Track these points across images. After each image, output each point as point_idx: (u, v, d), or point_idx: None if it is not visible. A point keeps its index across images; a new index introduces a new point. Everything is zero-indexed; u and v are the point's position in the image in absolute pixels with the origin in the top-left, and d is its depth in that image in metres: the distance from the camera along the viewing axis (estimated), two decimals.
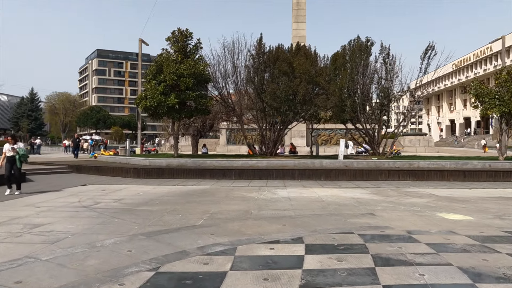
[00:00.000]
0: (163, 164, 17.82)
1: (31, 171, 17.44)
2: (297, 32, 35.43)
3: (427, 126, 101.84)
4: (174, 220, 7.30)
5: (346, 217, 7.69)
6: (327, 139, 47.22)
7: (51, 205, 8.99)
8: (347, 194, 11.29)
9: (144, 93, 18.49)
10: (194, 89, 18.87)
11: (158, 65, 18.66)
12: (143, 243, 5.53)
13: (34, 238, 5.83)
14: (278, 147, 21.65)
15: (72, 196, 10.50)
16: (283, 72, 17.78)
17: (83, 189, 12.22)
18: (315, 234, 6.13)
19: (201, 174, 16.26)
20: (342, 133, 47.87)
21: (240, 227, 6.66)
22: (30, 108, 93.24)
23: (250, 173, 16.20)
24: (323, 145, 46.74)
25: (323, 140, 47.23)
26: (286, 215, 7.93)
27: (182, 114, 19.06)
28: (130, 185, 13.53)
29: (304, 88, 17.36)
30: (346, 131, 48.20)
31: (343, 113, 21.16)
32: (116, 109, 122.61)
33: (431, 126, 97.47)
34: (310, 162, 17.63)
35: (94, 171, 18.04)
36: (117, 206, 8.94)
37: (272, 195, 11.12)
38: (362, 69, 20.40)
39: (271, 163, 17.70)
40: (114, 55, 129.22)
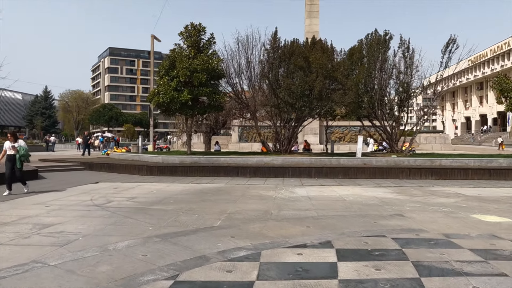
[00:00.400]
0: (176, 162, 17.46)
1: (43, 168, 17.25)
2: (310, 28, 34.78)
3: (442, 124, 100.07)
4: (190, 220, 6.87)
5: (373, 218, 7.16)
6: (341, 136, 46.45)
7: (62, 203, 8.65)
8: (369, 193, 10.74)
9: (157, 89, 18.14)
10: (207, 85, 18.45)
11: (171, 61, 18.29)
12: (159, 246, 5.11)
13: (43, 239, 5.45)
14: (292, 144, 21.13)
15: (84, 194, 10.17)
16: (299, 67, 17.24)
17: (96, 187, 11.90)
18: (344, 237, 5.63)
19: (215, 171, 15.85)
20: (356, 130, 47.11)
21: (262, 228, 6.19)
22: (44, 106, 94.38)
23: (265, 171, 15.74)
24: (337, 143, 45.94)
25: (336, 137, 46.45)
26: (309, 215, 7.44)
27: (195, 111, 18.67)
28: (143, 183, 13.19)
29: (320, 83, 16.81)
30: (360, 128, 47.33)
31: (360, 109, 20.53)
32: (128, 107, 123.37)
33: (445, 123, 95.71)
34: (327, 160, 17.07)
35: (107, 169, 17.78)
36: (130, 205, 8.56)
37: (291, 194, 10.64)
38: (380, 64, 19.71)
39: (287, 161, 17.21)
40: (126, 53, 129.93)
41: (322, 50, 17.88)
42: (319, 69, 16.78)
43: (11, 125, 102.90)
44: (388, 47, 19.74)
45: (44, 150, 37.40)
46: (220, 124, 25.93)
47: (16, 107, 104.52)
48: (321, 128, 43.76)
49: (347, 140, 46.37)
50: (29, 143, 43.75)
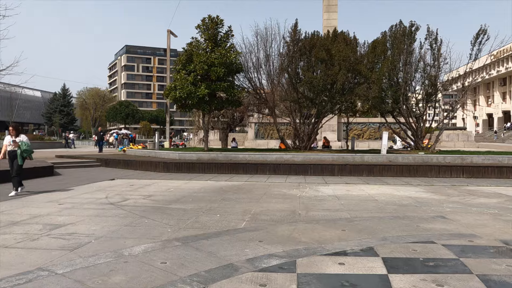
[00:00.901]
0: (194, 158, 16.97)
1: (59, 164, 16.99)
2: (328, 22, 33.92)
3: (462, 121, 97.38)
4: (212, 221, 6.30)
5: (413, 220, 6.46)
6: (359, 133, 45.42)
7: (76, 201, 8.20)
8: (400, 193, 10.00)
9: (173, 83, 17.65)
10: (225, 79, 17.90)
11: (188, 54, 17.77)
12: (179, 251, 4.53)
13: (52, 242, 4.95)
14: (313, 141, 20.41)
15: (99, 192, 9.72)
16: (321, 60, 16.51)
17: (111, 184, 11.47)
18: (388, 243, 4.96)
19: (234, 168, 15.29)
20: (375, 127, 46.04)
21: (292, 232, 5.57)
22: (62, 104, 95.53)
23: (286, 168, 15.09)
24: (355, 140, 45.09)
25: (355, 134, 45.42)
26: (341, 217, 6.78)
27: (212, 106, 18.13)
28: (160, 180, 12.71)
29: (343, 76, 16.04)
30: (379, 125, 46.11)
31: (383, 104, 19.65)
32: (144, 104, 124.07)
33: (466, 120, 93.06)
34: (350, 157, 16.32)
35: (123, 165, 17.41)
36: (146, 203, 8.05)
37: (316, 192, 9.97)
38: (406, 56, 18.80)
39: (308, 158, 16.52)
40: (142, 51, 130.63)
41: (345, 42, 17.09)
42: (342, 62, 16.01)
43: (31, 122, 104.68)
44: (414, 38, 18.80)
45: (63, 147, 37.63)
46: (237, 121, 25.33)
47: (35, 105, 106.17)
48: (339, 124, 42.80)
49: (366, 137, 45.36)
50: (47, 140, 44.15)
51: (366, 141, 42.83)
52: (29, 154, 9.30)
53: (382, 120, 48.05)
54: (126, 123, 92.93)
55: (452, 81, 18.68)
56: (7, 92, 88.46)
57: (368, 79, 16.48)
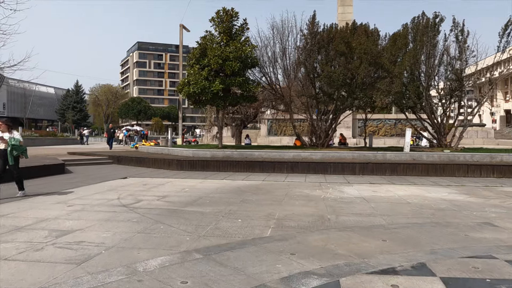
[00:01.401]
0: (208, 156, 16.42)
1: (71, 162, 16.60)
2: (343, 16, 33.00)
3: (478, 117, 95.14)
4: (234, 227, 5.69)
5: (459, 228, 5.76)
6: (375, 130, 44.42)
7: (86, 202, 7.68)
8: (432, 194, 9.26)
9: (187, 78, 17.09)
10: (240, 74, 17.27)
11: (202, 48, 17.18)
12: (202, 267, 3.93)
13: (57, 253, 4.40)
14: (330, 137, 19.68)
15: (111, 192, 9.21)
16: (340, 53, 15.75)
17: (123, 183, 10.96)
18: (440, 258, 4.28)
19: (250, 167, 14.69)
20: (391, 124, 44.97)
21: (325, 242, 4.93)
22: (75, 100, 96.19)
23: (304, 167, 14.43)
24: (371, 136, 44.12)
25: (370, 131, 44.51)
26: (376, 223, 6.11)
27: (227, 102, 17.52)
28: (174, 179, 12.17)
29: (365, 70, 15.26)
30: (396, 121, 44.95)
31: (404, 100, 18.79)
32: (156, 100, 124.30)
33: (482, 116, 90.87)
34: (371, 155, 15.57)
35: (135, 163, 16.95)
36: (161, 205, 7.48)
37: (340, 193, 9.30)
38: (429, 49, 17.89)
39: (327, 156, 15.82)
40: (154, 47, 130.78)
41: (365, 34, 16.28)
42: (363, 55, 15.23)
43: (44, 118, 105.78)
44: (438, 30, 17.87)
45: (78, 143, 37.60)
46: (251, 117, 24.69)
47: (49, 101, 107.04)
48: (354, 121, 41.88)
49: (382, 134, 44.40)
50: (60, 136, 44.18)
51: (382, 138, 41.87)
52: (22, 152, 8.19)
53: (399, 117, 46.92)
54: (138, 119, 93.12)
55: (479, 74, 17.70)
56: (20, 89, 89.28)
57: (390, 73, 15.65)
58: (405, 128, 48.73)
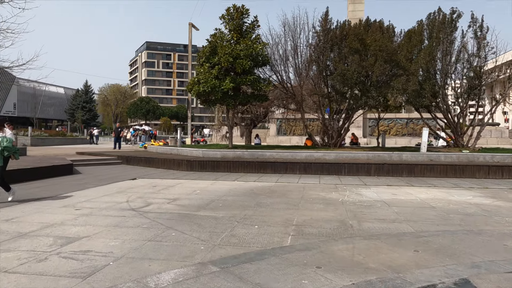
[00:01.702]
0: (218, 156, 16.06)
1: (79, 162, 16.38)
2: (353, 14, 32.42)
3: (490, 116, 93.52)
4: (250, 235, 5.31)
5: (494, 236, 5.30)
6: (386, 129, 43.78)
7: (94, 206, 7.35)
8: (455, 197, 8.78)
9: (197, 77, 16.75)
10: (250, 72, 16.89)
11: (212, 46, 16.82)
12: (219, 282, 3.55)
13: (62, 264, 4.05)
14: (343, 137, 19.20)
15: (120, 194, 8.88)
16: (354, 50, 15.26)
17: (132, 184, 10.64)
18: (483, 272, 3.85)
19: (261, 167, 14.30)
20: (403, 123, 44.26)
21: (352, 252, 4.51)
22: (85, 100, 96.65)
23: (318, 167, 14.00)
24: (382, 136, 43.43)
25: (381, 130, 43.87)
26: (403, 230, 5.68)
27: (237, 101, 17.15)
28: (184, 180, 11.83)
29: (380, 67, 14.77)
30: (407, 121, 44.20)
31: (419, 98, 18.21)
32: (165, 100, 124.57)
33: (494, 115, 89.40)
34: (386, 156, 15.08)
35: (144, 163, 16.66)
36: (172, 209, 7.12)
37: (358, 196, 8.86)
38: (446, 46, 17.31)
39: (340, 156, 15.37)
40: (162, 47, 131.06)
41: (380, 31, 15.77)
42: (378, 52, 14.73)
43: (54, 118, 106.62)
44: (456, 27, 17.28)
45: (88, 143, 37.63)
46: (261, 116, 24.29)
47: (58, 101, 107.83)
48: (364, 120, 41.31)
49: (393, 133, 43.75)
50: (69, 135, 44.24)
51: (393, 138, 41.26)
52: (13, 153, 7.55)
53: (410, 116, 46.13)
54: (147, 119, 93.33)
55: (499, 71, 17.06)
56: (30, 89, 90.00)
57: (406, 71, 15.13)
58: (417, 128, 47.94)
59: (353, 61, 15.14)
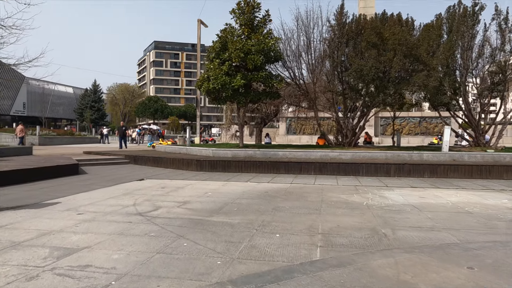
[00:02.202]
0: (229, 156, 15.44)
1: (86, 161, 15.88)
2: (364, 10, 31.58)
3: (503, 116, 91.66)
4: (273, 246, 4.65)
5: None
6: (398, 128, 42.84)
7: (98, 209, 6.76)
8: (490, 201, 8.03)
9: (206, 73, 16.13)
10: (262, 68, 16.25)
11: (222, 42, 16.20)
12: None
13: (55, 283, 3.43)
14: (358, 136, 18.46)
15: (126, 196, 8.30)
16: (372, 44, 14.52)
17: (140, 185, 10.06)
18: None
19: (274, 167, 13.64)
20: (415, 122, 43.30)
21: (395, 269, 3.83)
22: (93, 99, 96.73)
23: (334, 168, 13.30)
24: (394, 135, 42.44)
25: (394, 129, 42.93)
26: (446, 241, 4.98)
27: (248, 98, 16.50)
28: (194, 181, 11.23)
29: (399, 62, 14.00)
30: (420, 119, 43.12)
31: (439, 96, 17.40)
32: (173, 99, 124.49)
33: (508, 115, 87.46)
34: (406, 155, 14.32)
35: (152, 163, 16.10)
36: (182, 214, 6.50)
37: (383, 199, 8.17)
38: (467, 41, 16.47)
39: (357, 156, 14.65)
40: (170, 47, 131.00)
41: (399, 24, 15.01)
42: (397, 46, 13.97)
43: (63, 117, 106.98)
44: (478, 20, 16.43)
45: (96, 142, 37.40)
46: (272, 115, 23.62)
47: (67, 101, 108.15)
48: (376, 119, 40.42)
49: (406, 132, 42.84)
50: (77, 135, 44.04)
51: (406, 137, 40.36)
52: None
53: (423, 115, 45.03)
54: (155, 118, 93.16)
55: None
56: (39, 88, 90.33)
57: (427, 66, 14.34)
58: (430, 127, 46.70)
59: (370, 56, 14.40)
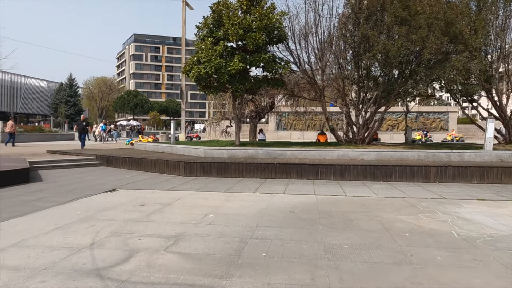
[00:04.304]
0: (225, 156, 12.57)
1: (46, 164, 12.77)
2: None
3: None
4: None
5: None
6: (394, 124, 40.79)
7: (21, 263, 3.82)
8: None
9: (196, 55, 13.14)
10: (264, 50, 13.42)
11: (216, 17, 13.26)
12: None
13: None
14: (374, 132, 15.85)
15: (84, 225, 5.35)
16: (401, 20, 11.85)
17: (109, 202, 7.09)
18: None
19: (284, 171, 10.86)
20: (412, 117, 41.27)
21: None
22: (69, 94, 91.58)
23: (358, 171, 10.61)
24: (389, 131, 40.31)
25: (389, 125, 40.79)
26: None
27: (247, 86, 13.61)
28: (184, 191, 8.33)
29: (436, 41, 11.37)
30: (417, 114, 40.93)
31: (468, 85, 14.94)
32: (153, 95, 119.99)
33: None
34: (444, 155, 11.75)
35: (129, 165, 13.08)
36: (175, 270, 3.63)
37: (469, 224, 5.49)
38: (502, 20, 14.06)
39: (383, 155, 12.01)
40: (151, 40, 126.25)
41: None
42: (433, 21, 11.33)
43: (38, 113, 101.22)
44: None
45: (68, 140, 33.76)
46: (268, 108, 20.81)
47: (41, 96, 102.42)
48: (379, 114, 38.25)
49: (402, 128, 40.74)
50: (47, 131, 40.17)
51: (401, 132, 38.29)
52: None
53: (420, 109, 42.79)
54: (135, 113, 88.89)
55: None
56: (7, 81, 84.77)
57: (468, 46, 11.78)
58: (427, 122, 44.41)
59: (400, 34, 11.72)
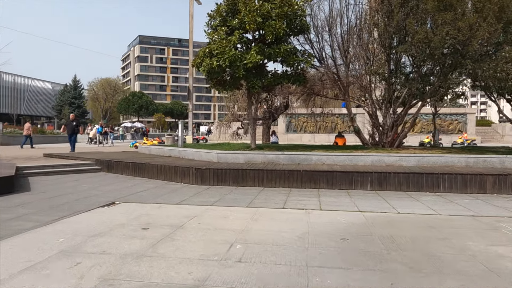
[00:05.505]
0: (241, 161, 11.01)
1: (39, 169, 11.30)
2: None
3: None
4: None
5: None
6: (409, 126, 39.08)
7: None
8: None
9: (208, 47, 11.58)
10: (283, 41, 11.88)
11: (230, 3, 11.73)
12: None
13: None
14: (404, 135, 14.25)
15: (62, 260, 3.80)
16: (446, 4, 10.25)
17: (102, 223, 5.54)
18: None
19: (311, 180, 9.29)
20: (428, 119, 39.53)
21: None
22: (73, 96, 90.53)
23: (399, 180, 9.02)
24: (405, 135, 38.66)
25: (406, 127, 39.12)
26: None
27: (265, 82, 12.04)
28: (198, 206, 6.78)
29: (489, 28, 9.75)
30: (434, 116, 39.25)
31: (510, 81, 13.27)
32: (158, 96, 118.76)
33: None
34: (496, 160, 10.10)
35: (132, 171, 11.56)
36: None
37: None
38: None
39: (424, 162, 10.39)
40: (156, 41, 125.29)
41: None
42: (486, 4, 9.73)
43: (43, 115, 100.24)
44: None
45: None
46: (282, 108, 19.25)
47: (46, 97, 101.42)
48: None
49: (417, 131, 39.06)
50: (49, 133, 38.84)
51: (418, 135, 36.58)
52: None
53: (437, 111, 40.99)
54: (139, 115, 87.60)
55: None
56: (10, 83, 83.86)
57: None
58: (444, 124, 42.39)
59: (444, 20, 10.11)
